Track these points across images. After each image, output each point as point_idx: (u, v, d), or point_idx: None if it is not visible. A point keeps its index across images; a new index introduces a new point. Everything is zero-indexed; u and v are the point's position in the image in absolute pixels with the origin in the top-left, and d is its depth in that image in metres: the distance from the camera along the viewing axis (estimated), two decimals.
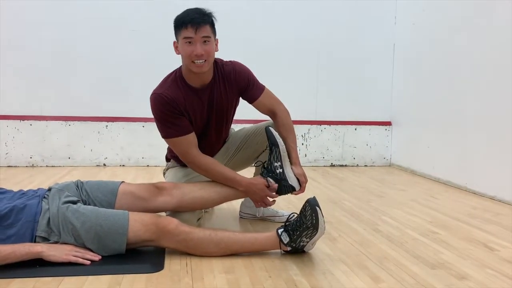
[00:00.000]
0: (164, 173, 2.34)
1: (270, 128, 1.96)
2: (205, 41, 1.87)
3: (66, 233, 1.68)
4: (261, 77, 2.12)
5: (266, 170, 1.98)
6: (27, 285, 1.50)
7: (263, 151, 2.15)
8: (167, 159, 2.33)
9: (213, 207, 2.40)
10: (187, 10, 1.91)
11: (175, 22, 1.91)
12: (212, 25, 1.90)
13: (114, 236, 1.68)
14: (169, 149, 2.26)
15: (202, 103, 1.98)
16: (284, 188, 1.97)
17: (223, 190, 2.00)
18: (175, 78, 1.97)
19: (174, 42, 1.95)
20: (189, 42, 1.86)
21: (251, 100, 2.07)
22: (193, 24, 1.84)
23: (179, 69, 2.00)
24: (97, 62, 3.83)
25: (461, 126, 3.28)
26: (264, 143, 2.11)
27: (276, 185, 1.97)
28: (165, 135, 1.96)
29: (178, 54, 1.95)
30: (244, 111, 2.27)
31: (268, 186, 1.97)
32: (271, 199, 2.03)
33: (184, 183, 2.04)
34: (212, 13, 1.92)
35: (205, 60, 1.87)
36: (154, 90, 1.95)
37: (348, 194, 3.03)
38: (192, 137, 1.96)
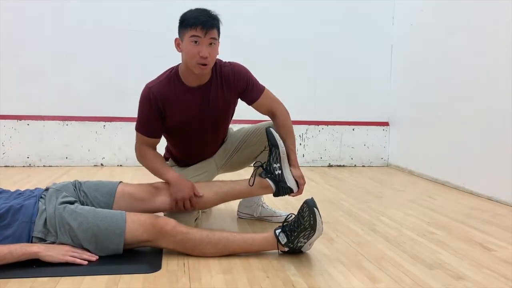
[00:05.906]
0: None
1: (270, 129, 1.95)
2: (211, 43, 1.85)
3: (63, 234, 1.68)
4: (260, 77, 2.11)
5: (265, 171, 1.98)
6: (24, 285, 1.49)
7: (262, 152, 2.15)
8: (165, 159, 2.32)
9: (211, 207, 2.39)
10: (196, 10, 1.87)
11: (183, 20, 1.87)
12: (218, 29, 1.89)
13: (112, 236, 1.68)
14: (166, 149, 2.27)
15: (196, 102, 1.98)
16: (282, 189, 1.97)
17: (221, 191, 1.99)
18: (170, 75, 1.97)
19: (177, 39, 1.92)
20: (196, 42, 1.84)
21: (250, 102, 2.06)
22: (204, 26, 1.82)
23: (177, 66, 1.99)
24: (95, 62, 3.83)
25: (458, 127, 3.28)
26: (263, 143, 2.11)
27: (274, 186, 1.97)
28: (136, 126, 2.01)
29: (179, 51, 1.93)
30: (243, 111, 2.26)
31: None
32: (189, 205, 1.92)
33: None
34: (218, 16, 1.90)
35: (207, 65, 1.87)
36: (148, 82, 1.98)
37: (346, 194, 3.03)
38: (152, 141, 2.01)
